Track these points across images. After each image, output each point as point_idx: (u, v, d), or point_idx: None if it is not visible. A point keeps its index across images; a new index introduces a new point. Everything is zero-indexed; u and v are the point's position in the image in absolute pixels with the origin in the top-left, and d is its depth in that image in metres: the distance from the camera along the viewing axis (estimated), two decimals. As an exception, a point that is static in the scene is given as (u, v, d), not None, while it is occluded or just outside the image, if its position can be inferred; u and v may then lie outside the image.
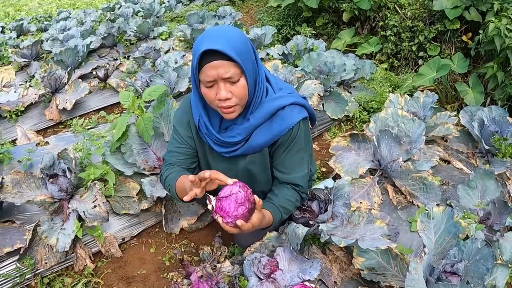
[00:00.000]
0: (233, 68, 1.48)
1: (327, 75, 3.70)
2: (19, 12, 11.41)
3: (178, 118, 1.92)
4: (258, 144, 1.75)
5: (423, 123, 2.69)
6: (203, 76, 1.51)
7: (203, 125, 1.78)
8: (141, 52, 5.08)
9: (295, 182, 1.85)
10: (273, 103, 1.70)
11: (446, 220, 1.81)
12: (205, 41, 1.47)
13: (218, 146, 1.80)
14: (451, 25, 4.54)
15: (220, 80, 1.50)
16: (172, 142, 1.96)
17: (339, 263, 2.02)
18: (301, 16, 6.26)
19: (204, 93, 1.58)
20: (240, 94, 1.55)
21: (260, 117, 1.69)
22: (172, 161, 1.92)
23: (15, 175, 2.51)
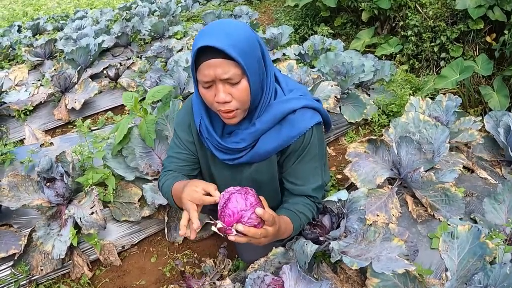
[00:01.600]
0: (233, 68, 1.29)
1: (344, 76, 3.53)
2: (38, 12, 11.47)
3: (179, 120, 1.76)
4: (265, 152, 1.56)
5: (447, 129, 2.48)
6: (200, 76, 1.33)
7: (204, 128, 1.60)
8: (153, 52, 4.97)
9: (309, 194, 1.66)
10: (282, 106, 1.50)
11: (472, 241, 1.63)
12: (204, 36, 1.29)
13: (221, 153, 1.62)
14: (475, 25, 4.33)
15: (219, 81, 1.32)
16: (172, 146, 1.79)
17: (351, 283, 1.84)
18: (319, 16, 6.09)
19: (202, 94, 1.40)
20: (241, 97, 1.36)
21: (267, 121, 1.50)
22: (172, 168, 1.76)
23: (12, 178, 2.41)
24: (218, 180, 1.79)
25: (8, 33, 7.58)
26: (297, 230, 1.62)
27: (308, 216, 1.66)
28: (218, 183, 1.79)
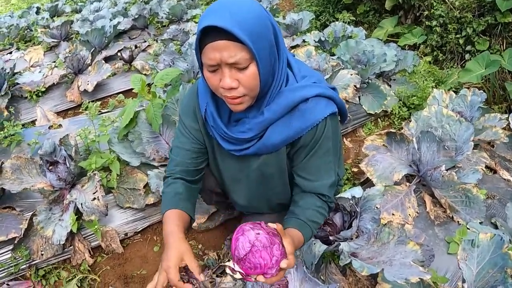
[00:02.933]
0: (240, 51, 1.16)
1: (365, 65, 3.39)
2: (58, -6, 11.43)
3: (184, 106, 1.63)
4: (273, 144, 1.44)
5: (471, 126, 2.33)
6: (204, 59, 1.21)
7: (210, 115, 1.48)
8: (169, 34, 4.88)
9: (321, 192, 1.52)
10: (293, 94, 1.37)
11: (493, 250, 1.51)
12: (209, 14, 1.17)
13: (226, 143, 1.50)
14: (503, 18, 4.13)
15: (225, 65, 1.19)
16: (177, 135, 1.65)
17: (360, 287, 1.73)
18: (341, 3, 5.92)
19: (207, 78, 1.27)
20: (249, 83, 1.23)
21: (276, 110, 1.37)
22: (179, 162, 1.61)
23: (15, 160, 2.36)
24: (224, 172, 1.69)
25: (27, 14, 7.54)
26: (308, 240, 1.50)
27: (319, 222, 1.53)
28: (224, 174, 1.71)
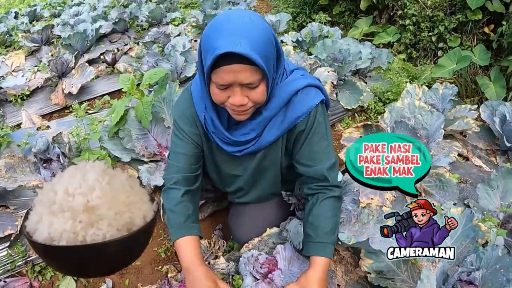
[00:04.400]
0: (255, 73, 1.25)
1: (341, 63, 3.54)
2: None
3: (180, 113, 1.66)
4: (272, 138, 1.54)
5: (442, 115, 2.50)
6: (217, 78, 1.27)
7: (210, 121, 1.55)
8: (150, 37, 4.98)
9: (321, 174, 1.60)
10: (286, 89, 1.47)
11: (465, 223, 1.65)
12: (223, 38, 1.20)
13: (228, 146, 1.59)
14: (473, 16, 4.33)
15: (237, 85, 1.27)
16: (174, 141, 1.69)
17: (344, 264, 1.86)
18: (317, 4, 6.09)
19: (214, 94, 1.34)
20: (258, 99, 1.33)
21: (274, 107, 1.47)
22: (178, 169, 1.65)
23: (9, 159, 2.42)
24: (222, 170, 1.78)
25: (5, 19, 7.51)
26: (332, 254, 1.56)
27: (335, 223, 1.60)
28: (223, 172, 1.80)
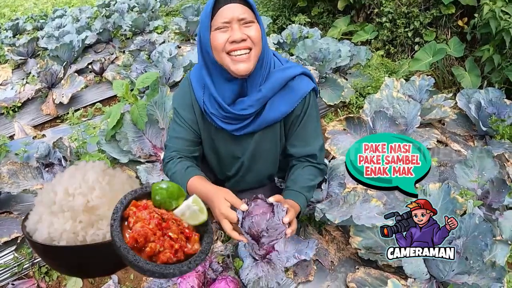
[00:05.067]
0: (248, 11, 1.49)
1: (322, 62, 3.70)
2: (15, 13, 11.38)
3: (179, 99, 1.83)
4: (272, 118, 1.70)
5: (418, 104, 2.68)
6: (218, 19, 1.49)
7: (208, 100, 1.70)
8: (136, 45, 5.08)
9: (312, 153, 1.80)
10: (283, 73, 1.67)
11: (443, 197, 1.81)
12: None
13: (227, 124, 1.72)
14: (447, 10, 4.51)
15: (235, 22, 1.48)
16: (174, 128, 1.85)
17: (336, 243, 2.01)
18: (296, 6, 6.23)
19: (216, 39, 1.51)
20: (255, 37, 1.51)
21: (271, 88, 1.64)
22: (176, 149, 1.82)
23: (11, 166, 2.52)
24: (222, 154, 1.90)
25: (-13, 34, 7.56)
26: (305, 206, 1.74)
27: (312, 185, 1.79)
28: (222, 156, 1.91)
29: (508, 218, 2.11)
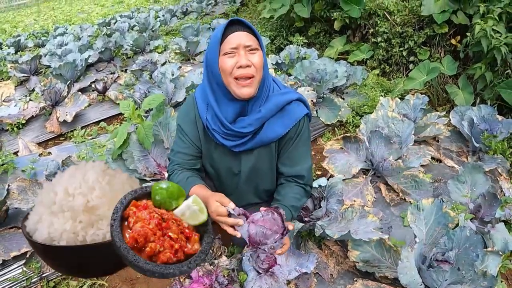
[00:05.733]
0: (253, 39, 1.65)
1: (319, 82, 3.80)
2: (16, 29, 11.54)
3: (183, 115, 1.96)
4: (269, 138, 1.83)
5: (412, 123, 2.79)
6: (226, 45, 1.63)
7: (211, 117, 1.82)
8: (138, 65, 5.19)
9: (301, 174, 1.92)
10: (282, 97, 1.81)
11: (436, 211, 1.90)
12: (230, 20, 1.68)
13: (227, 140, 1.83)
14: (440, 29, 4.65)
15: (242, 48, 1.63)
16: (177, 142, 1.98)
17: (335, 257, 2.10)
18: (293, 26, 6.37)
19: (223, 63, 1.65)
20: (258, 63, 1.65)
21: (270, 109, 1.78)
22: (178, 162, 1.95)
23: (20, 182, 2.60)
24: (220, 169, 2.01)
25: (-11, 50, 7.68)
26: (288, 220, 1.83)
27: (297, 205, 1.91)
28: (220, 171, 2.02)
29: (499, 230, 2.20)
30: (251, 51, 1.65)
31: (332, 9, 5.68)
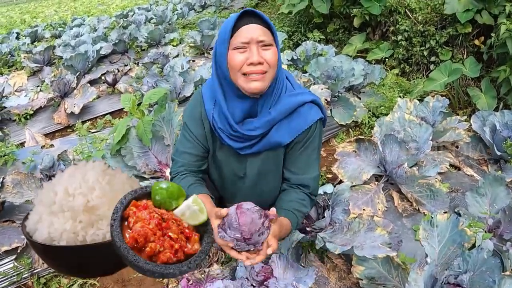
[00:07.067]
0: (268, 34, 1.48)
1: (335, 80, 3.65)
2: (35, 19, 11.62)
3: (189, 112, 1.82)
4: (277, 141, 1.68)
5: (430, 127, 2.60)
6: (237, 38, 1.47)
7: (218, 116, 1.68)
8: (150, 58, 5.10)
9: (306, 183, 1.76)
10: (294, 99, 1.65)
11: (451, 229, 1.74)
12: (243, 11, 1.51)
13: (234, 142, 1.69)
14: (463, 29, 4.45)
15: (254, 44, 1.46)
16: (182, 141, 1.83)
17: (337, 271, 1.94)
18: (312, 22, 6.22)
19: (233, 59, 1.50)
20: (272, 60, 1.49)
21: (281, 111, 1.63)
22: (183, 163, 1.80)
23: (16, 176, 2.52)
24: (225, 171, 1.86)
25: (7, 40, 7.70)
26: (295, 227, 1.70)
27: (303, 211, 1.74)
28: (225, 173, 1.87)
29: (519, 249, 2.03)
30: (265, 47, 1.48)
31: (352, 6, 5.52)
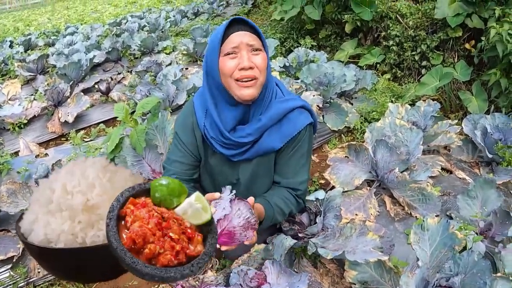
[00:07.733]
0: (257, 39, 1.55)
1: (326, 86, 3.68)
2: (28, 27, 11.60)
3: (181, 122, 1.85)
4: (268, 147, 1.72)
5: (421, 132, 2.63)
6: (228, 44, 1.53)
7: (210, 125, 1.71)
8: (143, 66, 5.11)
9: (294, 187, 1.81)
10: (284, 105, 1.69)
11: (442, 232, 1.76)
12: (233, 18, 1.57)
13: (226, 149, 1.73)
14: (454, 33, 4.48)
15: (244, 48, 1.52)
16: (173, 150, 1.87)
17: (330, 276, 1.96)
18: (304, 29, 6.25)
19: (224, 64, 1.55)
20: (261, 65, 1.55)
21: (271, 117, 1.67)
22: (174, 172, 1.83)
23: (10, 185, 2.54)
24: (218, 178, 1.89)
25: (0, 48, 7.68)
26: (269, 219, 1.73)
27: (283, 209, 1.78)
28: (218, 180, 1.90)
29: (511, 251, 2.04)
30: (254, 52, 1.54)
31: (344, 12, 5.54)
